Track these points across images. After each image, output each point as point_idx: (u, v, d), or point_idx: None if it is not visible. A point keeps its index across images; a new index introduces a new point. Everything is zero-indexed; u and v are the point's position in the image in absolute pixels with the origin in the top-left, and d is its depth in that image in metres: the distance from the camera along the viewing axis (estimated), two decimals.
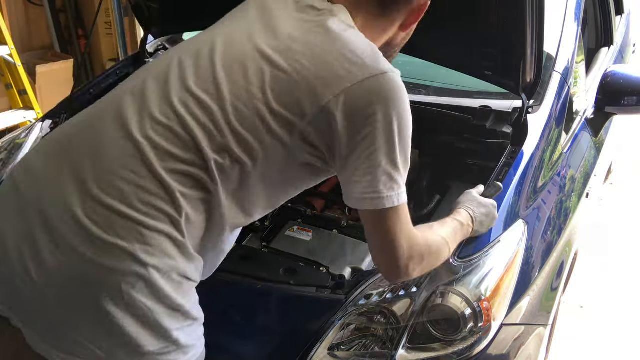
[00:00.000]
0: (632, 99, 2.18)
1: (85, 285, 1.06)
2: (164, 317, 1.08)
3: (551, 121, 1.85)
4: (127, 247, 1.04)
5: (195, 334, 1.16)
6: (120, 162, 1.08)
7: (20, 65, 3.39)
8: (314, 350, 1.35)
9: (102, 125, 1.14)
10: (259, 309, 1.46)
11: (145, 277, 1.05)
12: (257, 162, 1.12)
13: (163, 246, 1.07)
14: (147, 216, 1.06)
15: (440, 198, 1.77)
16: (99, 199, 1.06)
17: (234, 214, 1.16)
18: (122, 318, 1.05)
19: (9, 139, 2.02)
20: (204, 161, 1.08)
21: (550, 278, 1.68)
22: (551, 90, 1.91)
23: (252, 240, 1.71)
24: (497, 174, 1.64)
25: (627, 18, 3.51)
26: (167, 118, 1.10)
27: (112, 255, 1.04)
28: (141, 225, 1.05)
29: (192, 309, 1.14)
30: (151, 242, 1.05)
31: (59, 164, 1.13)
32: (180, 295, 1.10)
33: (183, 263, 1.10)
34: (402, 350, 1.32)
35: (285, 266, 1.48)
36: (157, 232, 1.06)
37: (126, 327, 1.05)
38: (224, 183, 1.11)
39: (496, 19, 1.82)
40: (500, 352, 1.42)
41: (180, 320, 1.11)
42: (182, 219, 1.08)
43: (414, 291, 1.37)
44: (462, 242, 1.40)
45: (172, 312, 1.09)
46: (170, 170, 1.07)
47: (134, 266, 1.04)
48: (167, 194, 1.07)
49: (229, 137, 1.09)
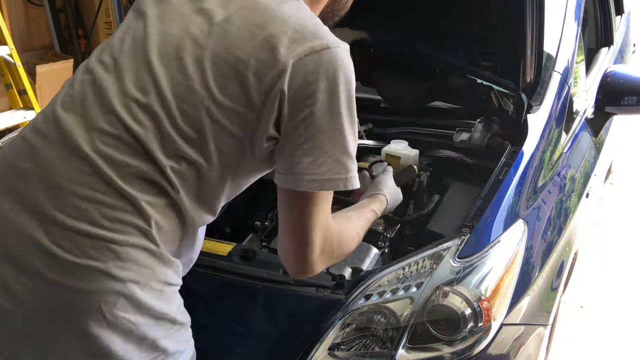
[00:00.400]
0: (632, 99, 2.18)
1: (63, 311, 1.02)
2: (149, 328, 1.05)
3: (551, 121, 1.85)
4: (99, 266, 1.00)
5: (182, 338, 1.14)
6: (76, 182, 1.02)
7: (20, 65, 3.39)
8: (314, 350, 1.35)
9: (47, 148, 1.07)
10: (259, 309, 1.46)
11: (124, 293, 1.01)
12: (212, 161, 1.07)
13: (138, 259, 1.02)
14: (115, 232, 1.01)
15: (440, 198, 1.77)
16: (62, 223, 1.01)
17: (202, 215, 1.13)
18: (108, 338, 1.01)
19: (9, 139, 2.02)
20: (160, 168, 1.04)
21: (550, 278, 1.68)
22: (551, 90, 1.91)
23: (252, 240, 1.71)
24: (497, 173, 1.64)
25: (627, 18, 3.51)
26: (114, 127, 1.04)
27: (86, 277, 1.00)
28: (111, 242, 1.01)
29: (177, 315, 1.11)
30: (124, 258, 1.01)
31: (9, 199, 1.06)
32: (164, 303, 1.07)
33: (161, 270, 1.06)
34: (402, 350, 1.32)
35: None
36: (128, 246, 1.02)
37: (112, 346, 1.02)
38: (184, 188, 1.07)
39: (496, 19, 1.82)
40: (500, 352, 1.42)
41: (166, 327, 1.08)
42: (153, 228, 1.04)
43: (414, 291, 1.37)
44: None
45: (157, 321, 1.06)
46: (129, 180, 1.03)
47: (111, 284, 1.00)
48: (132, 206, 1.02)
49: (180, 141, 1.05)
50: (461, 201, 1.72)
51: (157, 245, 1.05)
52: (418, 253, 1.45)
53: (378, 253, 1.62)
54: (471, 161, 1.87)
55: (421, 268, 1.41)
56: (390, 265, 1.44)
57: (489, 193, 1.57)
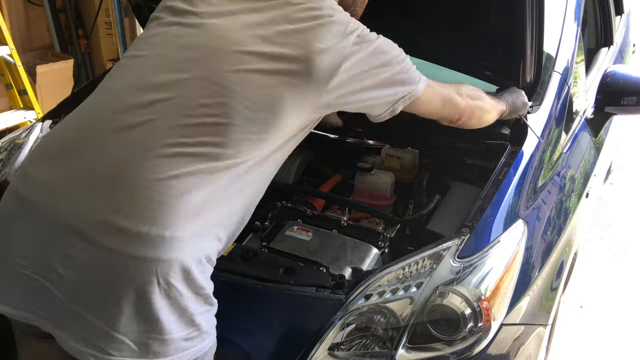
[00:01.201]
0: (631, 99, 2.18)
1: (120, 277, 1.09)
2: (190, 301, 1.13)
3: (551, 121, 1.85)
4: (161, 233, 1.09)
5: (211, 321, 1.21)
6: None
7: (20, 65, 3.39)
8: (314, 350, 1.35)
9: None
10: (259, 309, 1.46)
11: (179, 262, 1.10)
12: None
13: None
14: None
15: (440, 198, 1.77)
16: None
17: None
18: (159, 305, 1.09)
19: (9, 139, 2.02)
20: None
21: (550, 278, 1.68)
22: (551, 90, 1.91)
23: (252, 240, 1.71)
24: (497, 173, 1.64)
25: (627, 18, 3.51)
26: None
27: (147, 244, 1.09)
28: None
29: (211, 295, 1.19)
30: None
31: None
32: (205, 280, 1.16)
33: (208, 245, 1.16)
34: (402, 350, 1.33)
35: (285, 266, 1.48)
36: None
37: (160, 314, 1.09)
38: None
39: (496, 19, 1.82)
40: (500, 352, 1.42)
41: (202, 304, 1.16)
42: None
43: (414, 291, 1.37)
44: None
45: (196, 297, 1.14)
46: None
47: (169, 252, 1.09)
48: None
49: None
50: (461, 201, 1.72)
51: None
52: (418, 253, 1.45)
53: (378, 253, 1.62)
54: (471, 161, 1.87)
55: (421, 268, 1.41)
56: (390, 265, 1.44)
57: (489, 193, 1.57)
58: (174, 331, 1.12)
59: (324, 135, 2.05)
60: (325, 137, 2.04)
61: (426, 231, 1.66)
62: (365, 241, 1.63)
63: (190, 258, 1.11)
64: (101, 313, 1.11)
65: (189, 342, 1.15)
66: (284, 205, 1.80)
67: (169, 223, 1.09)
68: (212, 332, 1.22)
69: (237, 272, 1.46)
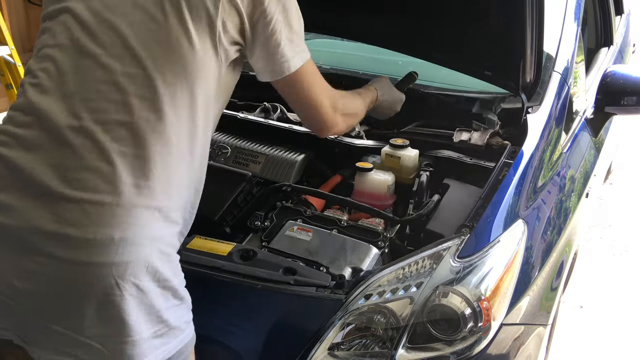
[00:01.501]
0: (631, 99, 2.18)
1: (74, 284, 1.07)
2: (156, 297, 1.11)
3: (551, 121, 1.85)
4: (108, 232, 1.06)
5: (183, 317, 1.18)
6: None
7: (20, 65, 3.39)
8: (314, 350, 1.35)
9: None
10: (259, 309, 1.46)
11: (137, 259, 1.08)
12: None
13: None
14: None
15: (440, 198, 1.77)
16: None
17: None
18: (122, 305, 1.07)
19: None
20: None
21: (550, 278, 1.68)
22: (551, 90, 1.91)
23: (252, 240, 1.71)
24: (497, 173, 1.64)
25: (627, 18, 3.52)
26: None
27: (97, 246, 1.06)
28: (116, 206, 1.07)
29: (179, 287, 1.16)
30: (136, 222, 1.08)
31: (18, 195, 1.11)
32: (169, 269, 1.13)
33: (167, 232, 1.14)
34: (402, 350, 1.32)
35: (285, 266, 1.48)
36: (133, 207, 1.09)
37: (125, 315, 1.07)
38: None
39: (496, 19, 1.82)
40: (500, 351, 1.42)
41: (169, 298, 1.13)
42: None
43: (414, 291, 1.37)
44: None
45: (163, 291, 1.12)
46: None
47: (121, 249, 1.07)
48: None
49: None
50: (461, 201, 1.72)
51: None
52: (418, 253, 1.45)
53: (378, 253, 1.62)
54: (471, 161, 1.87)
55: (421, 268, 1.41)
56: (390, 265, 1.44)
57: (489, 193, 1.57)
58: (143, 331, 1.10)
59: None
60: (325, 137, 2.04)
61: (426, 231, 1.66)
62: (365, 241, 1.63)
63: (148, 252, 1.09)
64: (66, 323, 1.09)
65: (159, 340, 1.13)
66: (284, 205, 1.80)
67: (115, 223, 1.07)
68: (186, 329, 1.20)
69: (237, 272, 1.45)
